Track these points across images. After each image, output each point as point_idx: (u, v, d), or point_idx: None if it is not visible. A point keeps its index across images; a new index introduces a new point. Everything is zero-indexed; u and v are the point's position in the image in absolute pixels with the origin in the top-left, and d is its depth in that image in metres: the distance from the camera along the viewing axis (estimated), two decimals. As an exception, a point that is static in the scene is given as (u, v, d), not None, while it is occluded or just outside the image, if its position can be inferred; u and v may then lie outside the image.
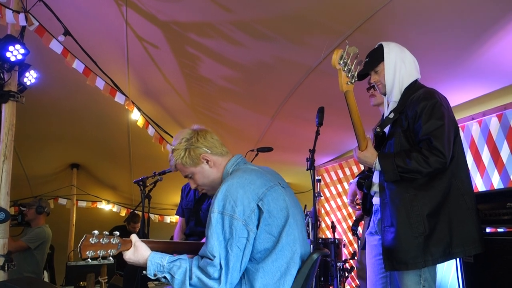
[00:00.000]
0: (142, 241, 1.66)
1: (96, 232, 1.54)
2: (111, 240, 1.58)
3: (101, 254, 1.55)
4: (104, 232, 1.57)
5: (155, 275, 1.56)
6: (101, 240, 1.55)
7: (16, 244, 4.07)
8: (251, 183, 1.60)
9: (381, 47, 2.13)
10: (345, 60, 1.79)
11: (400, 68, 2.08)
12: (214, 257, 1.49)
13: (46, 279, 4.69)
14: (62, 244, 6.07)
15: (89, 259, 1.53)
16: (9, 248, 3.82)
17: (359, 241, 4.47)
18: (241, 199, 1.55)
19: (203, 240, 2.51)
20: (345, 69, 1.82)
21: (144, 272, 1.58)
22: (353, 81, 1.85)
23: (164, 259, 1.57)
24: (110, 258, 1.58)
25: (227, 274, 1.49)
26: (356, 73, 1.86)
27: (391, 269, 1.95)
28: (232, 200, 1.55)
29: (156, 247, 1.67)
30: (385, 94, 2.16)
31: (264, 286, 1.53)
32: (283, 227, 1.57)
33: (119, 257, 5.24)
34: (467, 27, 2.87)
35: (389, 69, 2.08)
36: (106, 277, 4.32)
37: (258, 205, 1.56)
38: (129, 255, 1.62)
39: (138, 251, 1.62)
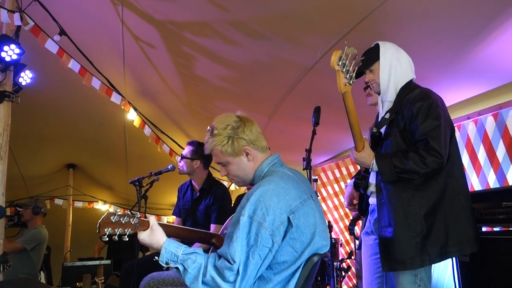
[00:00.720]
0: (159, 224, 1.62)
1: (118, 211, 1.52)
2: (131, 220, 1.54)
3: (118, 232, 1.52)
4: (126, 211, 1.54)
5: (167, 263, 1.52)
6: (121, 219, 1.52)
7: (11, 245, 4.05)
8: (286, 193, 1.56)
9: (377, 46, 2.13)
10: (343, 61, 1.80)
11: (395, 68, 2.08)
12: (235, 262, 1.45)
13: (42, 280, 4.68)
14: (58, 245, 6.05)
15: (105, 236, 1.50)
16: (4, 249, 3.80)
17: (356, 241, 4.48)
18: (273, 208, 1.51)
19: (212, 230, 2.49)
20: (344, 70, 1.82)
21: (156, 258, 1.54)
22: (351, 82, 1.86)
23: (180, 249, 1.52)
24: (126, 237, 1.54)
25: (243, 280, 1.46)
26: (354, 74, 1.86)
27: (389, 270, 1.95)
28: (264, 207, 1.51)
29: (168, 231, 1.64)
30: (379, 94, 2.16)
31: None
32: (307, 245, 1.56)
33: (115, 257, 5.23)
34: (463, 27, 2.88)
35: (384, 69, 2.08)
36: (103, 277, 4.32)
37: (289, 218, 1.53)
38: (144, 237, 1.56)
39: (154, 235, 1.57)
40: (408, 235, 1.88)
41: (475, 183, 3.49)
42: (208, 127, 1.76)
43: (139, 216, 1.56)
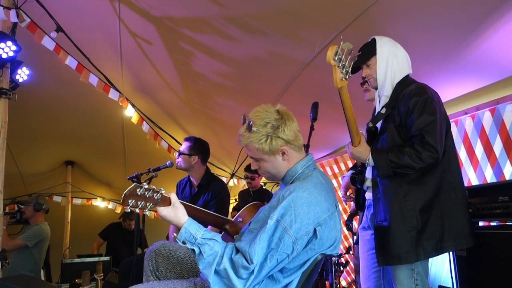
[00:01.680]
0: (181, 202, 1.62)
1: (145, 184, 1.50)
2: (155, 195, 1.53)
3: (140, 205, 1.51)
4: (152, 186, 1.52)
5: (184, 242, 1.51)
6: (146, 193, 1.51)
7: (13, 242, 4.05)
8: (317, 204, 1.54)
9: (374, 41, 2.13)
10: (339, 56, 1.80)
11: (392, 63, 2.08)
12: (252, 263, 1.45)
13: (42, 277, 4.69)
14: (57, 242, 6.06)
15: (128, 208, 1.49)
16: (5, 247, 3.83)
17: (354, 236, 4.50)
18: (302, 217, 1.50)
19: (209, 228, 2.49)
20: (340, 65, 1.82)
21: (174, 234, 1.54)
22: (347, 77, 1.86)
23: (200, 232, 1.51)
24: (147, 211, 1.54)
25: (255, 279, 1.48)
26: (350, 69, 1.87)
27: (384, 264, 1.96)
28: (294, 214, 1.49)
29: (188, 211, 1.63)
30: (376, 88, 2.16)
31: None
32: (320, 253, 1.58)
33: (114, 254, 5.23)
34: (460, 22, 2.88)
35: (381, 64, 2.09)
36: (102, 274, 4.32)
37: (315, 229, 1.53)
38: (166, 213, 1.55)
39: (176, 212, 1.56)
40: (403, 230, 1.89)
41: (472, 178, 3.50)
42: (246, 119, 1.68)
43: (163, 192, 1.55)
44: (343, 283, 5.19)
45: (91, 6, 3.64)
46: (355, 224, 4.07)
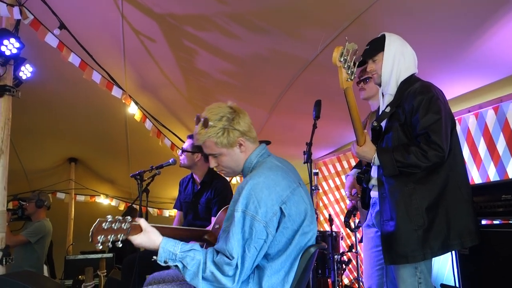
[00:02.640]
0: (152, 226, 1.62)
1: (109, 217, 1.50)
2: (123, 225, 1.53)
3: (111, 239, 1.50)
4: (117, 217, 1.52)
5: (165, 262, 1.53)
6: (113, 225, 1.51)
7: (15, 238, 4.08)
8: (276, 184, 1.58)
9: (383, 37, 2.12)
10: (345, 57, 1.79)
11: (399, 61, 2.07)
12: (233, 257, 1.48)
13: (45, 273, 4.71)
14: (60, 238, 6.09)
15: (99, 245, 1.48)
16: (8, 243, 3.83)
17: (357, 234, 4.50)
18: (265, 200, 1.53)
19: (209, 227, 2.53)
20: (345, 66, 1.82)
21: (154, 257, 1.55)
22: (352, 78, 1.85)
23: (177, 247, 1.54)
24: (120, 243, 1.53)
25: (241, 273, 1.50)
26: (355, 70, 1.86)
27: (391, 263, 1.96)
28: (256, 200, 1.53)
29: (162, 233, 1.63)
30: (379, 85, 2.15)
31: (270, 286, 1.54)
32: (297, 231, 1.58)
33: (118, 250, 5.24)
34: (463, 20, 2.86)
35: (387, 61, 2.07)
36: (105, 270, 4.35)
37: (281, 208, 1.55)
38: (140, 240, 1.57)
39: (149, 236, 1.57)
40: (410, 229, 1.89)
41: (475, 176, 3.49)
42: (199, 118, 1.71)
43: (130, 220, 1.55)
44: (346, 281, 5.20)
45: (94, 4, 3.65)
46: (357, 221, 4.06)
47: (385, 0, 2.71)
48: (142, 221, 1.60)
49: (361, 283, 4.36)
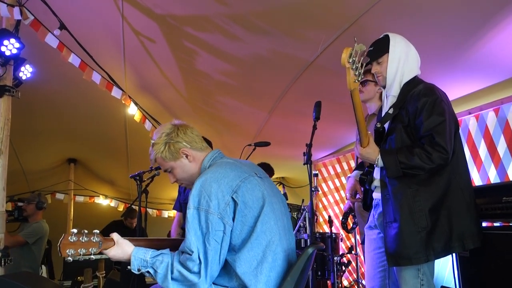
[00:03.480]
0: (125, 239, 1.69)
1: (74, 230, 1.56)
2: (91, 238, 1.58)
3: (82, 253, 1.55)
4: (83, 231, 1.58)
5: (139, 270, 1.60)
6: (80, 238, 1.56)
7: (13, 239, 4.07)
8: (224, 176, 1.63)
9: (387, 38, 2.11)
10: (353, 58, 1.79)
11: (403, 63, 2.06)
12: (192, 252, 1.53)
13: (44, 274, 4.70)
14: (59, 239, 6.07)
15: (69, 258, 1.54)
16: (6, 243, 3.82)
17: (356, 236, 4.49)
18: (215, 193, 1.58)
19: None
20: (353, 67, 1.81)
21: (128, 267, 1.60)
22: (359, 79, 1.85)
23: (147, 254, 1.61)
24: (92, 256, 1.60)
25: (207, 267, 1.53)
26: (362, 71, 1.85)
27: (394, 265, 1.95)
28: (206, 195, 1.58)
29: (140, 245, 1.69)
30: (384, 87, 2.15)
31: (242, 275, 1.55)
32: (258, 217, 1.60)
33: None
34: (464, 22, 2.86)
35: (392, 62, 2.07)
36: (104, 271, 4.33)
37: (232, 198, 1.59)
38: (113, 253, 1.64)
39: (121, 248, 1.65)
40: (413, 230, 1.89)
41: (475, 178, 3.49)
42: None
43: (98, 233, 1.61)
44: (345, 282, 5.19)
45: (95, 4, 3.64)
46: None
47: (385, 1, 2.71)
48: (114, 235, 1.69)
49: (360, 285, 4.35)
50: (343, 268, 4.14)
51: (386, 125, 2.10)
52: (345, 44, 1.81)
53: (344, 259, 4.19)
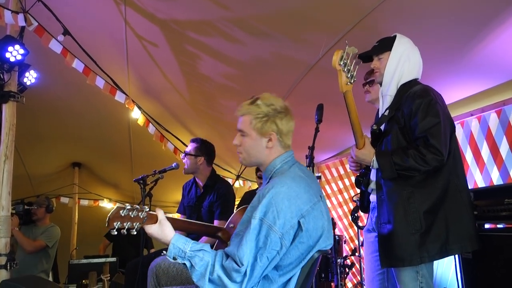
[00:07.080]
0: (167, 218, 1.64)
1: (128, 205, 1.53)
2: (140, 213, 1.55)
3: (127, 226, 1.52)
4: (135, 205, 1.55)
5: (174, 258, 1.54)
6: (130, 213, 1.53)
7: (36, 243, 4.11)
8: (298, 197, 1.56)
9: (394, 37, 2.13)
10: (345, 61, 1.81)
11: (403, 63, 2.07)
12: (243, 265, 1.46)
13: (50, 277, 4.73)
14: (64, 243, 6.07)
15: (114, 230, 1.51)
16: (29, 248, 3.89)
17: (357, 228, 4.47)
18: (284, 211, 1.51)
19: (203, 238, 2.55)
20: (345, 69, 1.83)
21: (164, 252, 1.56)
22: (352, 81, 1.86)
23: (188, 245, 1.54)
24: (134, 231, 1.55)
25: (249, 281, 1.48)
26: (355, 73, 1.87)
27: (387, 266, 1.97)
28: (275, 210, 1.51)
29: (176, 225, 1.65)
30: (380, 84, 2.15)
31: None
32: (312, 247, 1.58)
33: (120, 255, 5.24)
34: (466, 23, 2.87)
35: (392, 61, 2.08)
36: (109, 275, 4.36)
37: (299, 222, 1.53)
38: (152, 231, 1.58)
39: (162, 229, 1.59)
40: (407, 232, 1.89)
41: (478, 180, 3.48)
42: (253, 97, 1.74)
43: (147, 210, 1.57)
44: (349, 284, 5.18)
45: (98, 10, 3.68)
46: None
47: (387, 4, 2.72)
48: (159, 212, 1.62)
49: (364, 287, 4.35)
50: (347, 270, 4.14)
51: (382, 127, 2.11)
52: (345, 47, 1.83)
53: (348, 261, 4.19)
